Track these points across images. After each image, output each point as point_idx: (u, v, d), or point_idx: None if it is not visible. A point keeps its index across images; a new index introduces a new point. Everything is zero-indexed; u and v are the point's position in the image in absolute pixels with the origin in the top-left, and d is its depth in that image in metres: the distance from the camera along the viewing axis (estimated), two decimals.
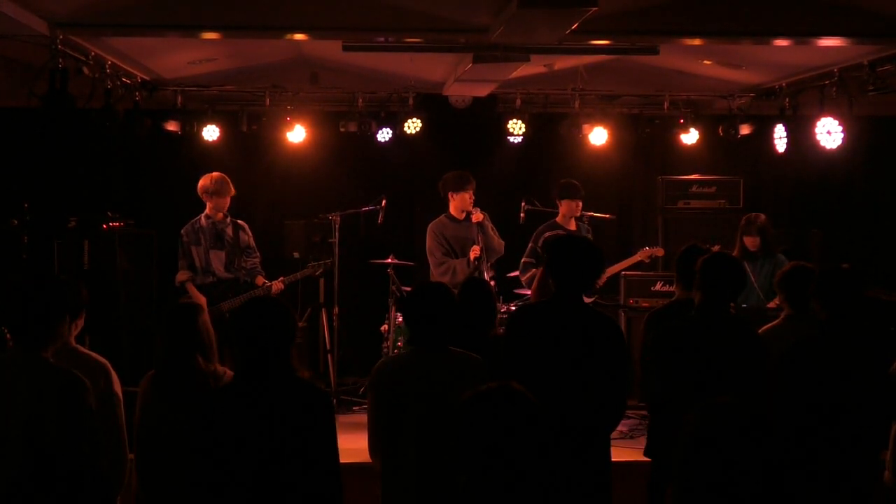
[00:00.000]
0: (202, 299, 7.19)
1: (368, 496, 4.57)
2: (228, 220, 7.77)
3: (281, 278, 7.88)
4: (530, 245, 7.82)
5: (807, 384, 4.23)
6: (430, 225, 7.91)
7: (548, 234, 7.77)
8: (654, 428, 4.69)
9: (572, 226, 7.91)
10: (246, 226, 7.87)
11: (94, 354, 4.33)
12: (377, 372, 4.09)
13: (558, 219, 7.93)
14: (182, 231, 7.70)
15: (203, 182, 7.65)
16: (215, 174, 7.69)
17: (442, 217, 7.91)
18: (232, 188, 7.68)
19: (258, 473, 3.40)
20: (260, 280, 7.77)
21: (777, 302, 6.46)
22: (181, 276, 7.65)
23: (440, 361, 4.00)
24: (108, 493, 2.22)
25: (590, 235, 7.81)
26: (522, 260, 7.81)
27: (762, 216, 7.41)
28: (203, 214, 7.71)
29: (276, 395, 3.44)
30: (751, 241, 7.25)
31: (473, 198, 7.79)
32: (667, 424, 4.51)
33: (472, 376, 3.88)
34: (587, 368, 4.29)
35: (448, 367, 3.99)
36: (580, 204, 7.89)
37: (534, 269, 7.64)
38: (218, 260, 7.66)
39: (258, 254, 7.91)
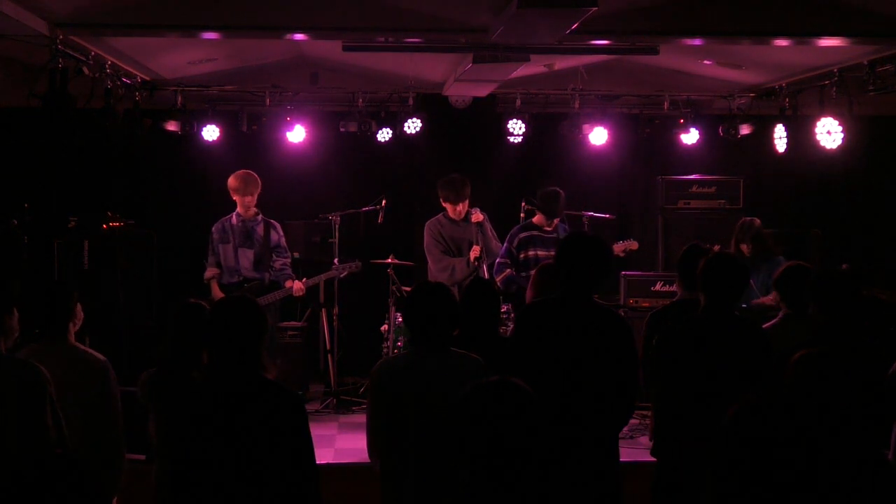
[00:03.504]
0: None
1: (368, 496, 4.58)
2: (260, 218, 7.84)
3: (304, 279, 7.89)
4: (505, 246, 7.74)
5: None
6: (428, 223, 7.90)
7: (522, 235, 7.71)
8: (660, 428, 4.68)
9: (549, 226, 7.78)
10: (277, 225, 7.93)
11: (93, 352, 4.34)
12: (377, 372, 4.09)
13: (535, 219, 7.83)
14: (213, 228, 7.84)
15: (229, 180, 7.80)
16: (241, 172, 7.83)
17: (440, 216, 7.91)
18: (257, 186, 7.76)
19: (230, 473, 3.41)
20: (288, 283, 7.77)
21: (770, 299, 6.48)
22: (209, 272, 7.78)
23: (440, 362, 4.00)
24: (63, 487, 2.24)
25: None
26: (497, 261, 7.69)
27: (756, 221, 7.38)
28: (234, 212, 7.78)
29: (244, 395, 3.46)
30: (745, 248, 7.25)
31: (465, 208, 7.75)
32: (673, 425, 4.53)
33: (473, 377, 3.87)
34: (597, 365, 4.31)
35: (448, 367, 3.98)
36: (556, 221, 7.73)
37: (509, 270, 7.62)
38: (246, 258, 7.73)
39: (289, 254, 7.95)
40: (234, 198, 7.78)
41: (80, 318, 4.41)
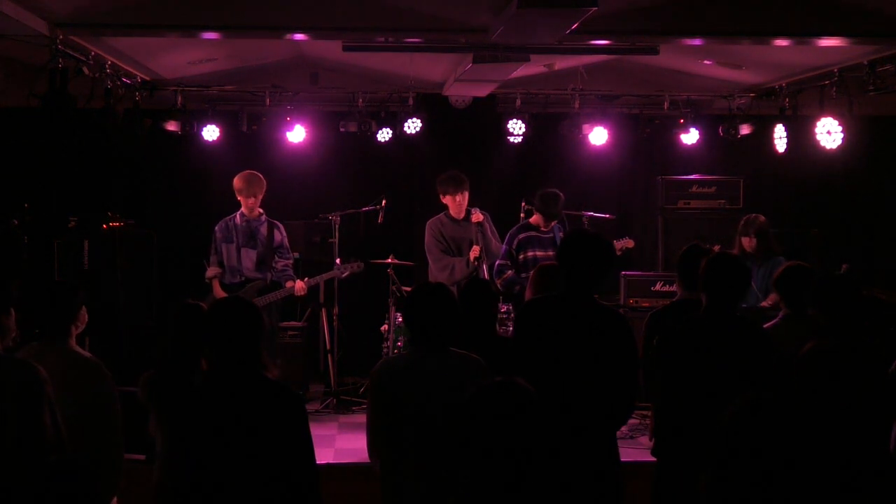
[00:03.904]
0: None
1: (368, 496, 4.58)
2: (264, 218, 7.83)
3: (305, 279, 7.88)
4: (505, 247, 7.74)
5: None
6: (429, 222, 7.90)
7: (521, 235, 7.71)
8: (660, 428, 4.69)
9: (546, 227, 7.75)
10: (281, 226, 7.92)
11: (88, 354, 4.33)
12: (377, 372, 4.09)
13: (532, 220, 7.83)
14: (216, 227, 7.82)
15: (234, 181, 7.78)
16: (245, 172, 7.80)
17: (441, 215, 7.90)
18: (261, 187, 7.73)
19: (230, 473, 3.42)
20: (289, 284, 7.76)
21: (772, 301, 6.47)
22: (210, 272, 7.75)
23: (440, 362, 3.99)
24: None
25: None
26: (497, 262, 7.68)
27: (761, 217, 7.34)
28: (238, 212, 7.77)
29: (244, 395, 3.47)
30: (747, 242, 7.14)
31: (465, 200, 7.75)
32: (674, 425, 4.53)
33: (473, 377, 3.88)
34: (597, 363, 4.32)
35: (448, 368, 3.98)
36: (553, 223, 7.74)
37: (510, 272, 7.61)
38: (249, 258, 7.71)
39: (291, 256, 7.94)
40: (239, 198, 7.77)
41: (84, 321, 4.38)
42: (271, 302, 7.64)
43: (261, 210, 7.85)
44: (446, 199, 7.82)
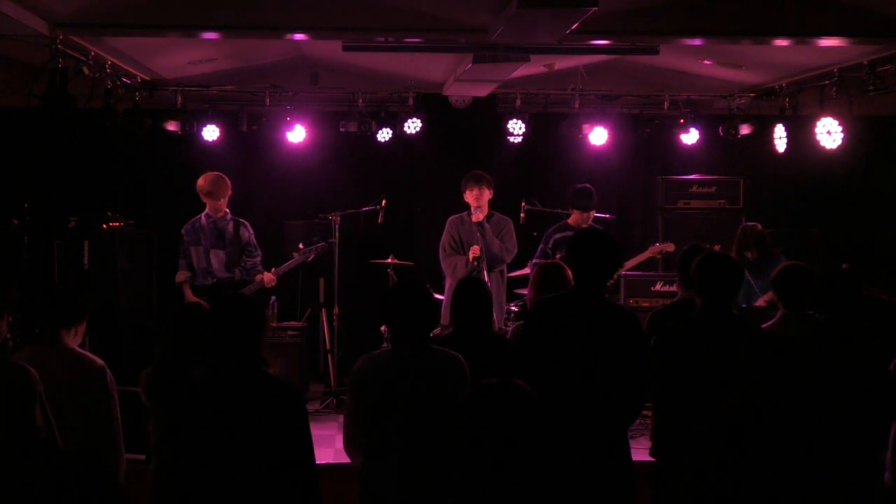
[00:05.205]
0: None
1: None
2: (229, 217, 7.74)
3: (273, 269, 7.81)
4: (541, 246, 7.78)
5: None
6: (451, 218, 7.82)
7: (557, 235, 7.74)
8: (660, 428, 4.69)
9: (585, 225, 7.79)
10: (248, 224, 7.82)
11: (89, 355, 4.33)
12: (357, 370, 4.10)
13: (570, 220, 7.87)
14: (182, 230, 7.71)
15: (199, 182, 7.65)
16: (211, 174, 7.65)
17: (465, 213, 7.81)
18: (228, 188, 7.64)
19: (230, 468, 3.43)
20: (258, 277, 7.71)
21: (766, 300, 6.49)
22: (180, 276, 7.65)
23: (419, 359, 4.01)
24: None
25: None
26: (533, 261, 7.73)
27: (758, 227, 7.38)
28: (203, 213, 7.70)
29: (246, 391, 3.48)
30: (750, 255, 7.24)
31: (479, 197, 7.65)
32: (673, 424, 4.53)
33: (452, 373, 3.91)
34: (607, 361, 4.32)
35: (427, 363, 4.00)
36: (591, 215, 7.82)
37: None
38: (217, 259, 7.63)
39: (259, 252, 7.85)
40: (204, 200, 7.65)
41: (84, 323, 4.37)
42: None
43: (226, 209, 7.77)
44: (465, 196, 7.75)
